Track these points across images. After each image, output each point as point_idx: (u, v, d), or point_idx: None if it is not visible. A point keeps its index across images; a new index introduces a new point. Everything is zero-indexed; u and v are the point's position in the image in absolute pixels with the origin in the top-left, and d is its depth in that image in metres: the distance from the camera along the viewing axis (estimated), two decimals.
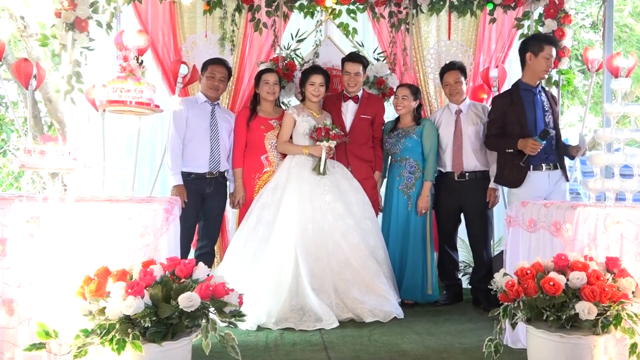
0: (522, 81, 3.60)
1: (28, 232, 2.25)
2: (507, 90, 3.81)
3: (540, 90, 3.61)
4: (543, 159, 3.44)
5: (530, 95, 3.54)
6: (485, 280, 3.78)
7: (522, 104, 3.50)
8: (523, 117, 3.48)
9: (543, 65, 3.51)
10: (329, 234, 3.59)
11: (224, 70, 3.81)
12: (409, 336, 3.14)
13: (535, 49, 3.52)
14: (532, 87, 3.55)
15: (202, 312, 2.04)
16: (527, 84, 3.56)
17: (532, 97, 3.54)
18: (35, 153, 2.39)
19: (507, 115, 3.54)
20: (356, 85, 3.92)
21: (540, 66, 3.52)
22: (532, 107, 3.51)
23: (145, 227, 2.37)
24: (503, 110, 3.58)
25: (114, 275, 2.02)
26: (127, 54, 2.75)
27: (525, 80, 3.59)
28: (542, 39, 3.66)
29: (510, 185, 3.56)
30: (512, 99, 3.56)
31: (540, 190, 3.41)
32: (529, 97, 3.53)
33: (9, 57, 5.55)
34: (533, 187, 3.42)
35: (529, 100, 3.52)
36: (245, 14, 4.39)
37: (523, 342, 2.74)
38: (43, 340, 1.98)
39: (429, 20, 4.55)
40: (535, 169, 3.45)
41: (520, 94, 3.54)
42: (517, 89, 3.59)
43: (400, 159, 3.92)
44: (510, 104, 3.55)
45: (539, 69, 3.53)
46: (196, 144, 3.70)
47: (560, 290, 2.06)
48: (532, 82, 3.57)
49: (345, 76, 3.93)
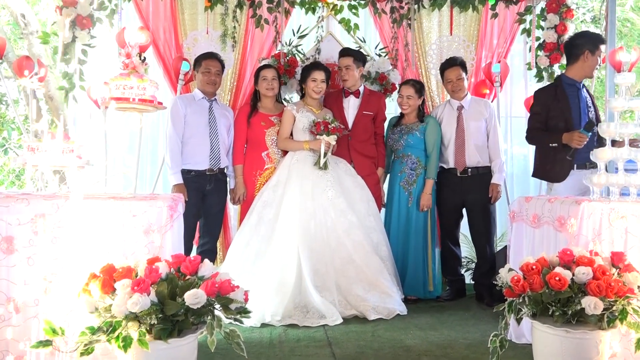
0: (567, 76, 3.52)
1: (33, 229, 2.25)
2: (550, 84, 3.76)
3: (583, 86, 3.54)
4: (587, 157, 3.38)
5: (574, 90, 3.46)
6: (488, 275, 3.81)
7: (567, 99, 3.43)
8: (568, 112, 3.39)
9: (594, 65, 3.45)
10: (332, 230, 3.59)
11: (218, 64, 3.79)
12: (413, 332, 3.14)
13: (593, 48, 3.44)
14: (577, 82, 3.48)
15: (207, 309, 2.04)
16: (572, 79, 3.49)
17: (576, 92, 3.46)
18: (38, 151, 2.39)
19: (551, 110, 3.44)
20: (350, 79, 3.91)
21: (593, 65, 3.45)
22: (576, 102, 3.44)
23: (149, 224, 2.37)
24: (547, 104, 3.49)
25: (119, 272, 2.02)
26: (129, 51, 2.74)
27: (570, 75, 3.50)
28: (599, 39, 3.58)
29: (553, 180, 3.48)
30: (557, 93, 3.48)
31: (581, 188, 3.32)
32: (573, 92, 3.46)
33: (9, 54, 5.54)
34: (574, 184, 3.34)
35: (573, 95, 3.45)
36: (246, 10, 4.38)
37: (527, 337, 2.75)
38: (50, 338, 1.98)
39: (430, 16, 4.54)
40: (580, 167, 3.37)
41: (565, 89, 3.47)
42: (561, 83, 3.52)
43: (402, 156, 3.92)
44: (554, 98, 3.46)
45: (591, 67, 3.46)
46: (196, 141, 3.69)
47: (566, 285, 2.06)
48: (577, 78, 3.49)
49: (339, 71, 3.97)
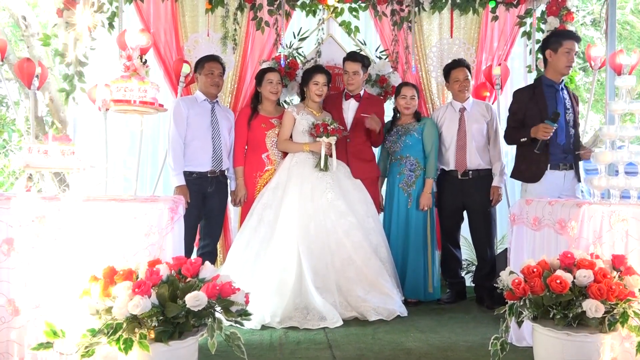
0: (546, 77, 3.56)
1: (34, 231, 2.25)
2: (529, 85, 3.79)
3: (563, 87, 3.56)
4: (561, 158, 3.40)
5: (552, 90, 3.50)
6: (488, 278, 3.81)
7: (544, 99, 3.46)
8: (545, 111, 3.42)
9: (564, 61, 3.46)
10: (332, 232, 3.59)
11: (219, 66, 3.80)
12: (413, 334, 3.14)
13: (554, 46, 3.48)
14: (555, 83, 3.51)
15: (208, 311, 2.04)
16: (551, 79, 3.52)
17: (554, 92, 3.50)
18: (39, 153, 2.39)
19: (528, 109, 3.48)
20: (355, 84, 3.92)
21: (560, 62, 3.47)
22: (553, 102, 3.46)
23: (150, 226, 2.36)
24: (524, 103, 3.54)
25: (120, 274, 2.02)
26: (130, 53, 2.75)
27: (548, 76, 3.54)
28: (560, 34, 3.63)
29: (527, 180, 3.51)
30: (535, 93, 3.52)
31: (555, 189, 3.38)
32: (551, 93, 3.49)
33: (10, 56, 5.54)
34: (549, 185, 3.39)
35: (551, 95, 3.48)
36: (247, 12, 4.39)
37: (528, 340, 2.74)
38: (50, 340, 1.98)
39: (431, 18, 4.55)
40: (553, 168, 3.41)
41: (543, 89, 3.51)
42: (540, 84, 3.56)
43: (401, 157, 3.92)
44: (532, 97, 3.51)
45: (560, 65, 3.48)
46: (198, 143, 3.69)
47: (567, 288, 2.06)
48: (555, 79, 3.52)
49: (345, 75, 3.94)
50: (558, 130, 3.36)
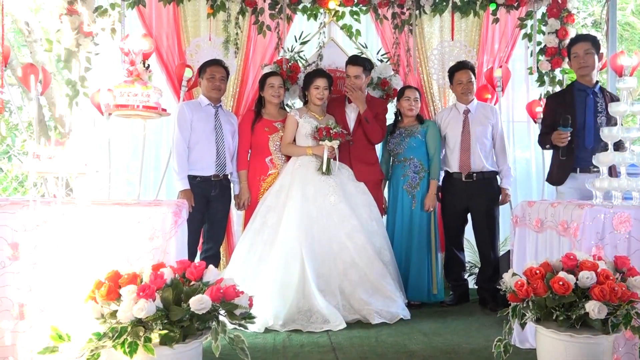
0: (578, 81, 3.56)
1: (38, 236, 2.26)
2: (562, 90, 3.80)
3: (597, 91, 3.49)
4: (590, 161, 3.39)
5: (583, 95, 3.47)
6: (492, 280, 3.81)
7: (573, 104, 3.45)
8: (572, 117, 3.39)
9: (575, 66, 3.50)
10: (335, 234, 3.60)
11: (222, 70, 3.82)
12: (417, 337, 3.14)
13: (568, 56, 3.57)
14: (587, 88, 3.48)
15: (212, 315, 2.04)
16: (582, 84, 3.51)
17: (584, 97, 3.46)
18: (44, 158, 2.40)
19: (557, 114, 3.44)
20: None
21: (573, 68, 3.54)
22: (582, 107, 3.44)
23: (154, 230, 2.38)
24: (553, 109, 3.54)
25: (124, 278, 2.03)
26: (133, 58, 2.76)
27: (579, 81, 3.54)
28: (568, 43, 3.67)
29: (554, 183, 3.54)
30: (565, 99, 3.52)
31: (584, 192, 3.31)
32: (581, 98, 3.47)
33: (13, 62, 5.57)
34: (578, 188, 3.35)
35: (580, 100, 3.46)
36: (248, 16, 4.42)
37: (531, 342, 2.75)
38: (56, 344, 1.99)
39: (432, 21, 4.56)
40: (583, 171, 3.38)
41: (574, 94, 3.49)
42: (572, 88, 3.56)
43: (404, 159, 3.93)
44: (562, 103, 3.50)
45: (575, 70, 3.54)
46: (202, 147, 3.71)
47: (570, 290, 2.06)
48: (585, 83, 3.50)
49: (347, 79, 3.94)
50: (586, 134, 3.37)
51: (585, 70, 3.48)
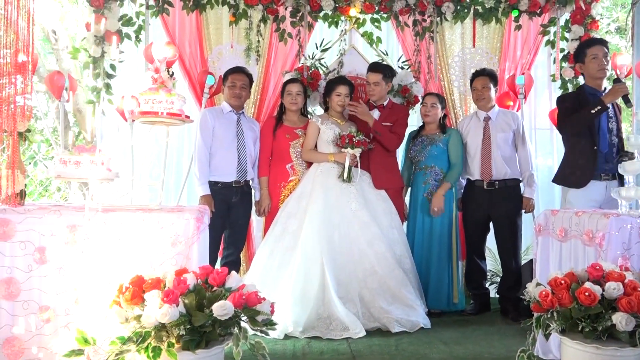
0: (587, 85, 3.52)
1: (65, 240, 2.30)
2: (573, 91, 3.75)
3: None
4: (603, 168, 3.31)
5: (595, 98, 3.40)
6: (513, 289, 3.76)
7: (588, 105, 3.37)
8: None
9: (594, 67, 3.42)
10: (355, 242, 3.59)
11: (244, 77, 3.84)
12: (437, 346, 3.11)
13: (580, 57, 3.48)
14: (597, 91, 3.44)
15: (234, 321, 2.06)
16: (592, 87, 3.48)
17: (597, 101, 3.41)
18: (70, 164, 2.45)
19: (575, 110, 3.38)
20: (376, 95, 3.92)
21: (590, 69, 3.44)
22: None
23: (177, 235, 2.40)
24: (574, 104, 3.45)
25: (148, 283, 2.05)
26: (158, 65, 2.81)
27: (589, 84, 3.50)
28: (582, 44, 3.61)
29: (571, 186, 3.42)
30: (580, 100, 3.45)
31: (596, 199, 3.30)
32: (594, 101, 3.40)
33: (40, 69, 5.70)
34: (590, 194, 3.31)
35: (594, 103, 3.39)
36: (270, 24, 4.45)
37: (554, 353, 2.69)
38: (81, 347, 2.02)
39: (453, 28, 4.54)
40: (595, 178, 3.32)
41: (587, 97, 3.44)
42: (583, 91, 3.51)
43: (425, 167, 3.92)
44: (578, 102, 3.44)
45: (592, 72, 3.45)
46: (223, 153, 3.74)
47: (596, 301, 2.03)
48: (595, 86, 3.47)
49: (367, 86, 3.97)
50: (600, 139, 3.32)
51: (604, 73, 3.44)
